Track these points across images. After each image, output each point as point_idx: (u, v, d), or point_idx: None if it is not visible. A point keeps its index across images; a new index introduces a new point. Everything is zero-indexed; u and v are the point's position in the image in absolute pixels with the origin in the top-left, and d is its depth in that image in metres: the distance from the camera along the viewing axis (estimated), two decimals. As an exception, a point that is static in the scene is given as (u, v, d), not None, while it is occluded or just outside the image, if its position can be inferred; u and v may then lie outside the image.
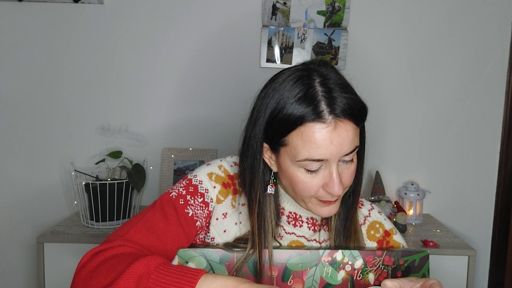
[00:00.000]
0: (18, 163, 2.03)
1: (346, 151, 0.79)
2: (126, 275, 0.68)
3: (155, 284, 0.67)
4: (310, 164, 0.80)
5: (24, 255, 2.05)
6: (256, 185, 0.86)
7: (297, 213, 0.93)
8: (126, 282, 0.68)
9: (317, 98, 0.77)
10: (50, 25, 1.98)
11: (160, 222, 0.84)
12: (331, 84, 0.79)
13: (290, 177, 0.83)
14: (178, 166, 2.02)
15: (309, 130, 0.77)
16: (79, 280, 0.74)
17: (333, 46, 1.99)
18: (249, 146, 0.86)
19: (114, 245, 0.77)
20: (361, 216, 0.97)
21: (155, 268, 0.69)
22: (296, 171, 0.82)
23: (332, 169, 0.80)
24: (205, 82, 2.03)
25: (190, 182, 0.90)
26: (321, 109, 0.77)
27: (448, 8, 2.00)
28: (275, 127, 0.81)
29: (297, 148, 0.79)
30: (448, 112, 2.05)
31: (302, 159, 0.79)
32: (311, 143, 0.78)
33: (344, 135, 0.78)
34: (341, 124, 0.78)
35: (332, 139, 0.77)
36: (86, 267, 0.74)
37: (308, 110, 0.77)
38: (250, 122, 0.86)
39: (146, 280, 0.68)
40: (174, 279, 0.67)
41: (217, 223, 0.90)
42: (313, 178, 0.81)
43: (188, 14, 1.99)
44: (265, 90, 0.84)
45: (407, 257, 0.82)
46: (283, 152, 0.82)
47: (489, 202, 2.08)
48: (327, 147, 0.77)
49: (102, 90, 2.02)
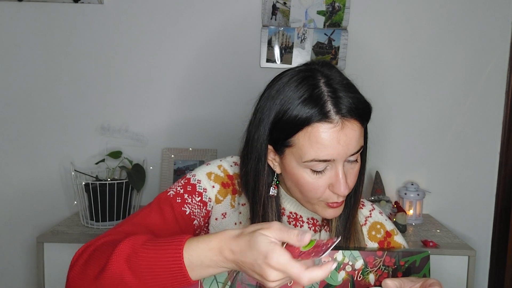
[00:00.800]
0: (18, 163, 2.03)
1: (352, 151, 0.79)
2: (114, 257, 0.68)
3: (144, 260, 0.67)
4: (317, 164, 0.79)
5: (24, 255, 2.05)
6: (260, 187, 0.86)
7: (298, 213, 0.93)
8: (116, 264, 0.68)
9: (323, 99, 0.77)
10: (50, 25, 1.98)
11: (155, 219, 0.83)
12: (335, 84, 0.79)
13: (295, 178, 0.83)
14: (178, 166, 2.02)
15: (316, 130, 0.77)
16: (74, 276, 0.73)
17: (333, 46, 1.99)
18: (253, 148, 0.85)
19: (103, 236, 0.77)
20: (362, 216, 0.97)
21: (141, 245, 0.69)
22: (302, 172, 0.81)
23: (338, 169, 0.80)
24: (205, 82, 2.03)
25: (189, 181, 0.90)
26: (328, 109, 0.77)
27: (448, 8, 2.00)
28: (280, 129, 0.80)
29: (304, 148, 0.79)
30: (448, 112, 2.05)
31: (309, 159, 0.79)
32: (318, 144, 0.77)
33: (351, 135, 0.78)
34: (348, 124, 0.78)
35: (339, 139, 0.77)
36: (78, 261, 0.74)
37: (314, 111, 0.77)
38: (253, 124, 0.85)
39: (135, 258, 0.67)
40: (161, 251, 0.67)
41: (216, 223, 0.90)
42: (319, 179, 0.81)
43: (188, 14, 1.99)
44: (268, 91, 0.83)
45: (407, 257, 0.82)
46: (288, 153, 0.82)
47: (489, 202, 2.08)
48: (334, 147, 0.77)
49: (102, 90, 2.02)
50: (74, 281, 0.73)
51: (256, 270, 0.62)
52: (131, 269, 0.67)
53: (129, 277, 0.67)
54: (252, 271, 0.63)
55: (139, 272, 0.67)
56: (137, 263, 0.67)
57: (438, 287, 0.74)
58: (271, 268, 0.61)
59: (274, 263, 0.60)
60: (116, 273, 0.68)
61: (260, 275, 0.62)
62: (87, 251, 0.74)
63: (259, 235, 0.62)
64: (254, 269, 0.62)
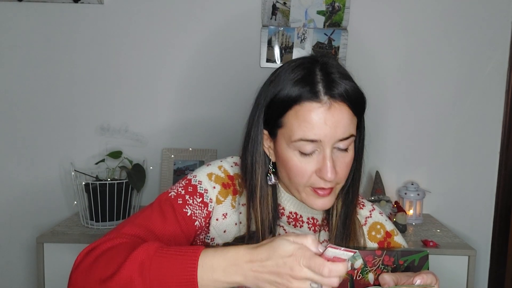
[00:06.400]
0: (18, 163, 2.03)
1: (340, 136, 0.80)
2: (128, 263, 0.68)
3: (157, 269, 0.68)
4: (304, 145, 0.80)
5: (24, 255, 2.05)
6: (257, 169, 0.87)
7: (298, 213, 0.93)
8: (129, 271, 0.68)
9: (315, 80, 0.79)
10: (50, 25, 1.98)
11: (157, 220, 0.83)
12: (331, 69, 0.81)
13: (285, 161, 0.84)
14: (178, 166, 2.02)
15: (304, 109, 0.79)
16: (77, 276, 0.73)
17: (333, 46, 1.99)
18: (251, 131, 0.88)
19: (108, 238, 0.77)
20: (362, 217, 0.97)
21: (155, 252, 0.69)
22: (291, 154, 0.82)
23: (326, 152, 0.80)
24: (205, 82, 2.03)
25: (190, 182, 0.90)
26: (318, 89, 0.79)
27: (448, 8, 2.00)
28: (273, 108, 0.83)
29: (292, 128, 0.80)
30: (448, 112, 2.05)
31: (297, 139, 0.80)
32: (305, 122, 0.79)
33: (338, 117, 0.79)
34: (336, 106, 0.79)
35: (326, 119, 0.78)
36: (83, 262, 0.74)
37: (304, 90, 0.79)
38: (252, 109, 0.88)
39: (148, 264, 0.68)
40: (175, 259, 0.68)
41: (217, 223, 0.90)
42: (307, 164, 0.81)
43: (188, 14, 1.99)
44: (270, 78, 0.86)
45: (406, 257, 0.82)
46: (279, 136, 0.83)
47: (489, 202, 2.08)
48: (321, 127, 0.78)
49: (102, 90, 2.02)
50: (77, 282, 0.73)
51: (280, 270, 0.64)
52: (142, 276, 0.68)
53: (139, 285, 0.68)
54: (274, 274, 0.65)
55: (148, 280, 0.68)
56: (149, 271, 0.68)
57: (430, 275, 0.75)
58: (297, 263, 0.63)
59: (300, 256, 0.63)
60: (126, 280, 0.68)
61: (286, 275, 0.64)
62: (93, 254, 0.74)
63: (280, 239, 0.66)
64: (279, 270, 0.64)
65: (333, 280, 0.63)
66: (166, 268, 0.67)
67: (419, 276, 0.75)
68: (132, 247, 0.71)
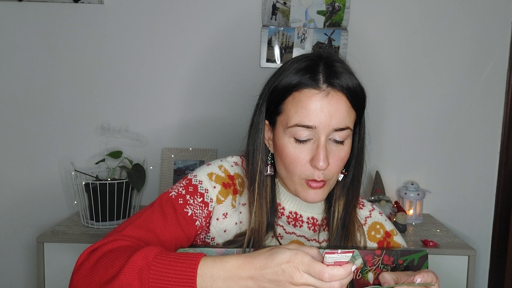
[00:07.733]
0: (18, 163, 2.03)
1: (335, 125, 0.81)
2: (127, 269, 0.69)
3: (157, 275, 0.68)
4: (300, 131, 0.81)
5: (24, 255, 2.05)
6: (257, 155, 0.89)
7: (298, 213, 0.93)
8: (128, 276, 0.68)
9: (317, 69, 0.82)
10: (50, 25, 1.98)
11: (158, 220, 0.84)
12: (334, 63, 0.83)
13: (280, 149, 0.85)
14: (178, 166, 2.02)
15: (302, 95, 0.81)
16: (79, 278, 0.74)
17: (333, 46, 1.99)
18: (254, 118, 0.90)
19: (110, 240, 0.77)
20: (362, 217, 0.97)
21: (154, 258, 0.69)
22: (287, 141, 0.83)
23: (320, 141, 0.81)
24: (205, 82, 2.03)
25: (190, 182, 0.90)
26: (318, 77, 0.81)
27: (448, 8, 2.00)
28: (274, 95, 0.85)
29: (290, 113, 0.82)
30: (448, 112, 2.05)
31: (293, 124, 0.81)
32: (302, 108, 0.80)
33: (335, 106, 0.80)
34: (334, 94, 0.80)
35: (322, 106, 0.80)
36: (85, 264, 0.74)
37: (305, 77, 0.81)
38: (258, 99, 0.90)
39: (147, 272, 0.68)
40: (174, 267, 0.68)
41: (217, 223, 0.90)
42: (301, 152, 0.82)
43: (188, 14, 1.99)
44: (276, 71, 0.88)
45: (406, 256, 0.82)
46: (278, 124, 0.85)
47: (489, 202, 2.08)
48: (316, 114, 0.80)
49: (102, 90, 2.02)
50: (78, 284, 0.74)
51: (279, 278, 0.64)
52: (141, 281, 0.68)
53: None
54: (274, 283, 0.65)
55: (147, 285, 0.68)
56: (148, 277, 0.68)
57: (430, 273, 0.75)
58: (296, 269, 0.63)
59: (298, 262, 0.63)
60: (125, 285, 0.68)
61: (286, 283, 0.64)
62: (94, 256, 0.74)
63: (280, 247, 0.67)
64: (278, 278, 0.64)
65: (334, 285, 0.63)
66: (165, 276, 0.67)
67: (419, 274, 0.75)
68: (132, 251, 0.72)
